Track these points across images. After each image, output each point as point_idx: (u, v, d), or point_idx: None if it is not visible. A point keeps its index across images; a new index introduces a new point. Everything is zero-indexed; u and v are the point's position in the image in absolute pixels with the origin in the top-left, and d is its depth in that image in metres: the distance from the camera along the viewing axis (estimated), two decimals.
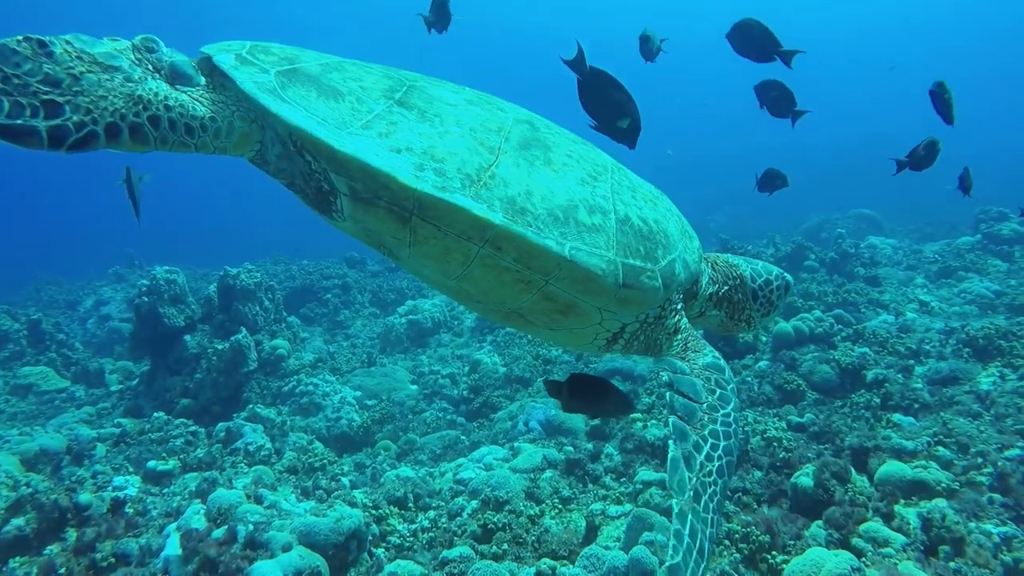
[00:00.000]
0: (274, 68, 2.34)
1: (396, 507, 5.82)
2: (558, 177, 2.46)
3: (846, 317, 9.65)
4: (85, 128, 1.99)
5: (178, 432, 8.40)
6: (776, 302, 3.42)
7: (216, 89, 2.38)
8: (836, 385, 8.11)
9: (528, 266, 2.35)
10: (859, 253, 13.45)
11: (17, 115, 1.88)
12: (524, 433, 7.69)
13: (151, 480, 6.67)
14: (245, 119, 2.37)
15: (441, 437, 8.31)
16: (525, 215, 2.30)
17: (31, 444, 8.30)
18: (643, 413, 7.87)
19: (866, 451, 5.55)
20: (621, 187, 2.67)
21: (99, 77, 2.08)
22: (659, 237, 2.67)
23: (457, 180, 2.24)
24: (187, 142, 2.25)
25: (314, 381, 10.28)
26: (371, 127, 2.26)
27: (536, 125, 2.65)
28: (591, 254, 2.40)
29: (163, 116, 2.17)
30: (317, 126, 2.19)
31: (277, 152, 2.43)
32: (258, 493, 5.15)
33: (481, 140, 2.38)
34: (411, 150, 2.24)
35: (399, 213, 2.26)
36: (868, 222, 21.78)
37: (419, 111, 2.38)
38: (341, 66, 2.49)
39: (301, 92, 2.28)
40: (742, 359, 9.09)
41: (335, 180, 2.29)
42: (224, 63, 2.31)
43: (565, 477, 6.42)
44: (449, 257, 2.36)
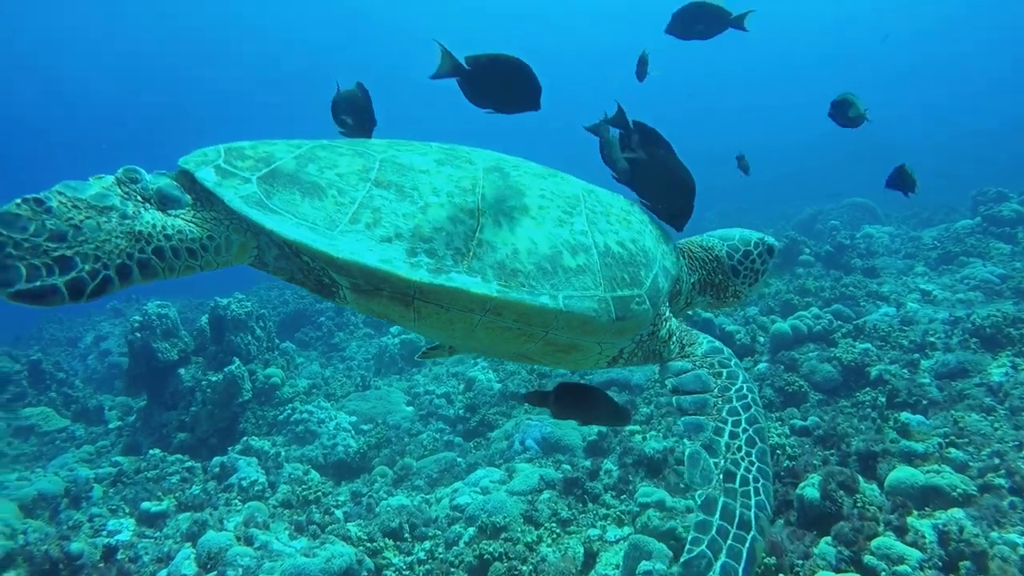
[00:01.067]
0: (254, 174, 2.41)
1: (391, 539, 5.66)
2: (537, 224, 2.56)
3: (845, 312, 9.48)
4: (99, 275, 2.09)
5: (173, 469, 8.28)
6: (761, 268, 3.43)
7: (204, 205, 2.44)
8: (839, 384, 7.95)
9: (528, 323, 2.48)
10: (855, 244, 13.27)
11: (36, 278, 1.98)
12: (521, 452, 7.54)
13: (145, 522, 6.54)
14: (239, 231, 2.44)
15: (437, 460, 8.15)
16: (517, 276, 2.41)
17: (29, 489, 8.20)
18: (642, 424, 7.71)
19: (874, 456, 5.37)
20: (595, 215, 2.75)
21: (97, 221, 2.16)
22: (639, 257, 2.76)
23: (449, 257, 2.36)
24: (192, 265, 2.34)
25: (309, 408, 10.15)
26: (358, 219, 2.36)
27: (505, 170, 2.72)
28: (583, 298, 2.50)
29: (165, 247, 2.26)
30: (310, 233, 2.28)
31: (274, 254, 2.52)
32: (248, 534, 5.01)
33: (460, 205, 2.49)
34: (400, 235, 2.35)
35: (401, 299, 2.40)
36: (863, 211, 21.58)
37: (397, 188, 2.47)
38: (314, 155, 2.56)
39: (286, 197, 2.36)
40: (740, 362, 8.92)
41: (336, 277, 2.42)
42: (207, 181, 2.36)
43: (564, 497, 6.26)
44: (453, 326, 2.50)
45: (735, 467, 2.51)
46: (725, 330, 9.33)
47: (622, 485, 6.40)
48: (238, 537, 4.91)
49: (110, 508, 7.58)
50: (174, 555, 4.90)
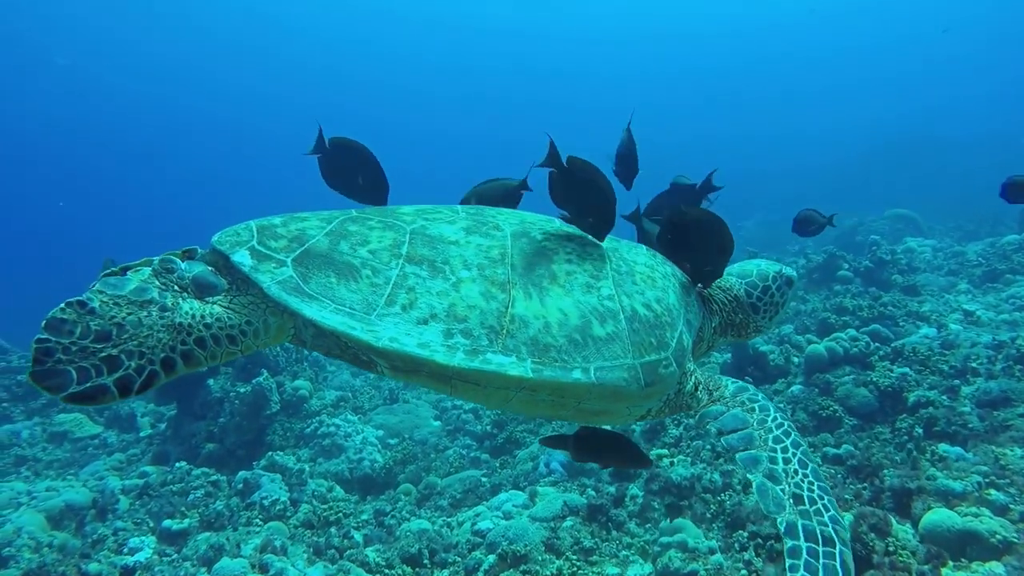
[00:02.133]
0: (288, 256, 2.46)
1: (410, 565, 5.58)
2: (566, 292, 2.62)
3: (883, 333, 9.17)
4: (145, 371, 2.16)
5: (198, 483, 8.32)
6: (780, 301, 3.48)
7: (240, 287, 2.50)
8: (875, 409, 7.67)
9: (561, 396, 2.54)
10: (895, 259, 12.86)
11: (86, 379, 2.05)
12: (545, 475, 7.41)
13: (166, 540, 6.56)
14: (276, 313, 2.50)
15: (462, 480, 8.06)
16: (549, 352, 2.46)
17: (56, 500, 8.32)
18: (670, 448, 7.53)
19: (909, 493, 5.15)
20: (621, 276, 2.80)
21: (138, 316, 2.23)
22: (664, 317, 2.80)
23: (484, 337, 2.41)
24: (233, 351, 2.38)
25: (336, 422, 10.15)
26: (394, 300, 2.41)
27: (532, 235, 2.78)
28: (613, 369, 2.55)
29: (206, 336, 2.31)
30: (349, 320, 2.34)
31: (311, 333, 2.56)
32: (264, 561, 4.97)
33: (491, 278, 2.54)
34: (436, 316, 2.40)
35: (439, 378, 2.46)
36: (905, 222, 21.01)
37: (429, 264, 2.53)
38: (345, 230, 2.61)
39: (322, 280, 2.42)
40: (773, 383, 8.69)
41: (374, 359, 2.47)
42: (244, 266, 2.42)
43: (587, 524, 6.12)
44: (489, 400, 2.59)
45: (799, 490, 2.63)
46: (758, 350, 9.09)
47: (647, 512, 6.24)
48: (253, 564, 4.88)
49: (135, 521, 7.64)
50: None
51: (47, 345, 2.07)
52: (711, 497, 6.24)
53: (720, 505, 6.07)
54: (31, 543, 7.05)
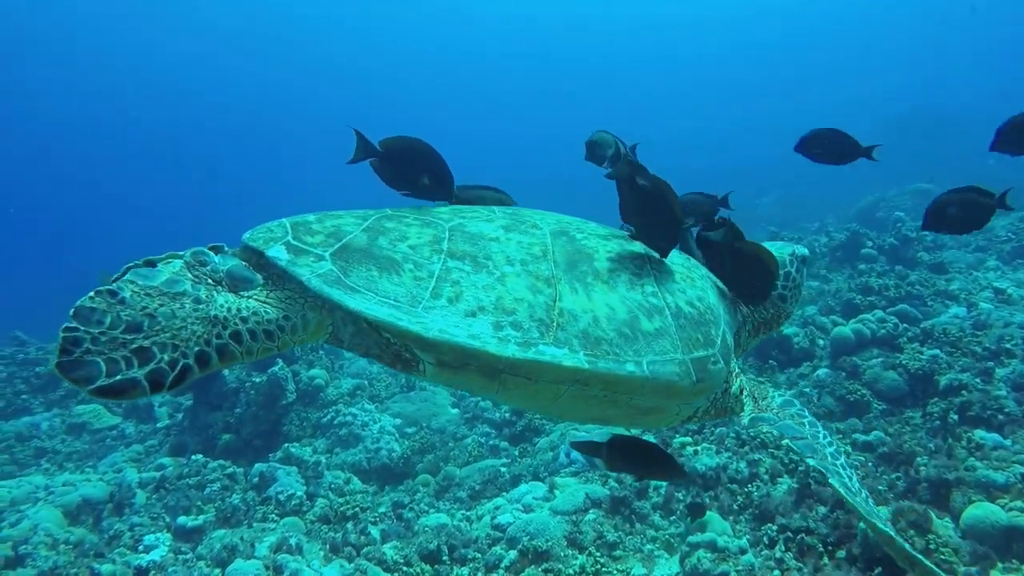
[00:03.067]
0: (327, 250, 2.39)
1: (429, 563, 5.45)
2: (611, 289, 2.58)
3: (911, 313, 8.89)
4: (178, 364, 2.05)
5: (215, 476, 8.24)
6: (801, 282, 3.48)
7: (276, 284, 2.41)
8: (905, 393, 7.44)
9: (614, 391, 2.47)
10: (921, 236, 12.51)
11: (116, 372, 1.93)
12: (566, 465, 7.24)
13: (182, 537, 6.47)
14: (315, 308, 2.41)
15: (481, 470, 7.92)
16: (601, 345, 2.41)
17: (73, 495, 8.29)
18: (693, 435, 7.33)
19: (947, 484, 4.93)
20: (661, 275, 2.78)
21: (171, 308, 2.14)
22: (708, 316, 2.77)
23: (535, 330, 2.35)
24: (269, 347, 2.29)
25: (352, 411, 10.05)
26: (439, 294, 2.34)
27: (570, 233, 2.76)
28: (665, 363, 2.51)
29: (243, 330, 2.22)
30: (395, 311, 2.26)
31: (350, 331, 2.47)
32: (278, 562, 4.85)
33: (536, 273, 2.50)
34: (484, 309, 2.34)
35: (489, 373, 2.37)
36: (927, 197, 20.31)
37: (471, 259, 2.48)
38: (382, 227, 2.56)
39: (363, 273, 2.34)
40: (798, 367, 8.46)
41: (420, 354, 2.38)
42: (280, 260, 2.33)
43: (610, 517, 5.95)
44: (538, 396, 2.49)
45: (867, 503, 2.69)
46: (782, 332, 8.84)
47: (672, 504, 6.06)
48: (267, 565, 4.76)
49: (151, 516, 7.57)
50: None
51: (75, 334, 1.96)
52: (737, 488, 6.05)
53: (748, 496, 5.88)
54: (47, 540, 7.00)
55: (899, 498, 5.09)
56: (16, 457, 12.00)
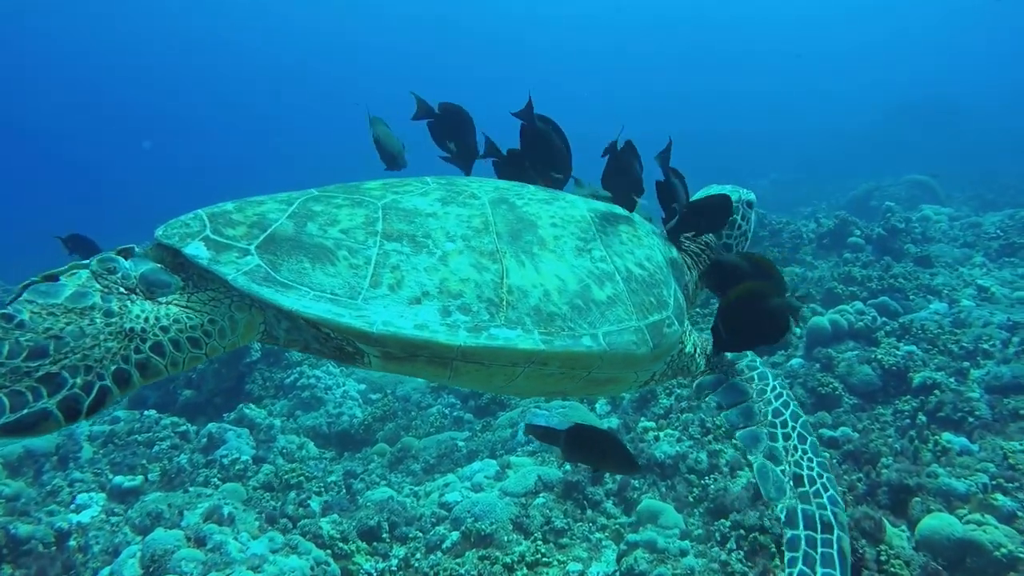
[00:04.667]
0: (251, 243, 2.19)
1: (367, 540, 5.23)
2: (558, 258, 2.46)
3: (892, 306, 8.65)
4: (94, 387, 1.85)
5: (165, 434, 7.99)
6: (749, 228, 3.40)
7: (198, 284, 2.21)
8: (878, 388, 7.23)
9: (571, 367, 2.38)
10: (910, 228, 12.22)
11: (21, 406, 1.73)
12: (524, 443, 7.02)
13: (116, 498, 6.22)
14: (242, 308, 2.23)
15: (439, 443, 7.71)
16: (555, 320, 2.30)
17: (15, 445, 7.98)
18: (658, 420, 7.12)
19: (908, 490, 4.72)
20: (608, 237, 2.67)
21: (79, 326, 1.92)
22: (658, 275, 2.69)
23: (484, 311, 2.22)
24: (197, 355, 2.11)
25: (316, 373, 9.80)
26: (379, 282, 2.18)
27: (510, 200, 2.61)
28: (621, 332, 2.42)
29: (164, 341, 2.03)
30: (334, 307, 2.09)
31: (285, 327, 2.31)
32: (201, 533, 4.61)
33: (479, 249, 2.35)
34: (428, 294, 2.19)
35: (440, 362, 2.24)
36: (922, 189, 20.23)
37: (410, 239, 2.31)
38: (309, 210, 2.36)
39: (295, 266, 2.16)
40: (773, 355, 8.23)
41: (364, 348, 2.23)
42: (200, 259, 2.12)
43: (561, 502, 5.73)
44: (492, 380, 2.40)
45: (799, 468, 2.64)
46: None
47: (626, 492, 5.85)
48: (188, 537, 4.53)
49: (94, 472, 7.33)
50: (121, 550, 4.54)
51: None
52: (695, 479, 5.84)
53: (704, 489, 5.68)
54: None
55: (858, 501, 4.88)
56: None
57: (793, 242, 12.64)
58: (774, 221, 13.36)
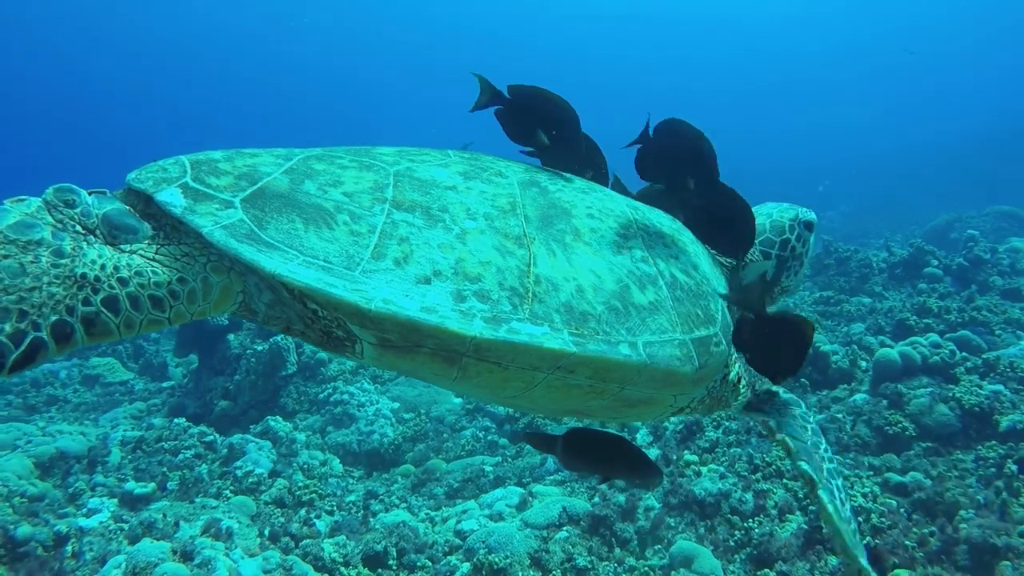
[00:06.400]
0: (236, 195, 1.88)
1: (370, 566, 4.81)
2: (594, 252, 2.16)
3: (974, 341, 7.82)
4: (25, 339, 1.55)
5: (190, 443, 7.81)
6: (804, 252, 3.10)
7: (170, 237, 1.90)
8: (956, 431, 6.44)
9: (603, 380, 2.04)
10: (996, 259, 11.26)
11: None
12: (553, 472, 6.52)
13: (127, 504, 6.01)
14: (220, 270, 1.91)
15: (465, 467, 7.27)
16: (588, 322, 1.98)
17: (49, 446, 7.97)
18: (702, 454, 6.50)
19: (994, 551, 4.03)
20: (650, 237, 2.37)
21: (20, 261, 1.62)
22: (705, 287, 2.38)
23: (506, 302, 1.90)
24: (158, 319, 1.80)
25: (350, 390, 9.55)
26: (383, 254, 1.87)
27: (542, 184, 2.33)
28: (664, 344, 2.09)
29: (120, 295, 1.71)
30: (326, 277, 1.77)
31: (267, 300, 1.99)
32: (190, 547, 4.29)
33: (503, 231, 2.05)
34: (440, 273, 1.87)
35: (446, 356, 1.89)
36: (1011, 220, 18.88)
37: (423, 210, 2.01)
38: (309, 168, 2.05)
39: (284, 226, 1.84)
40: (833, 389, 7.51)
41: (358, 331, 1.88)
42: (174, 206, 1.81)
43: (586, 538, 5.19)
44: (507, 386, 2.04)
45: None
46: (820, 350, 7.89)
47: (660, 531, 5.28)
48: (174, 550, 4.22)
49: (118, 477, 7.20)
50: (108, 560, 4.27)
51: None
52: (738, 521, 5.22)
53: (747, 533, 5.05)
54: (2, 490, 6.65)
55: (931, 560, 4.21)
56: (28, 402, 11.93)
57: (861, 271, 11.82)
58: (841, 249, 12.55)
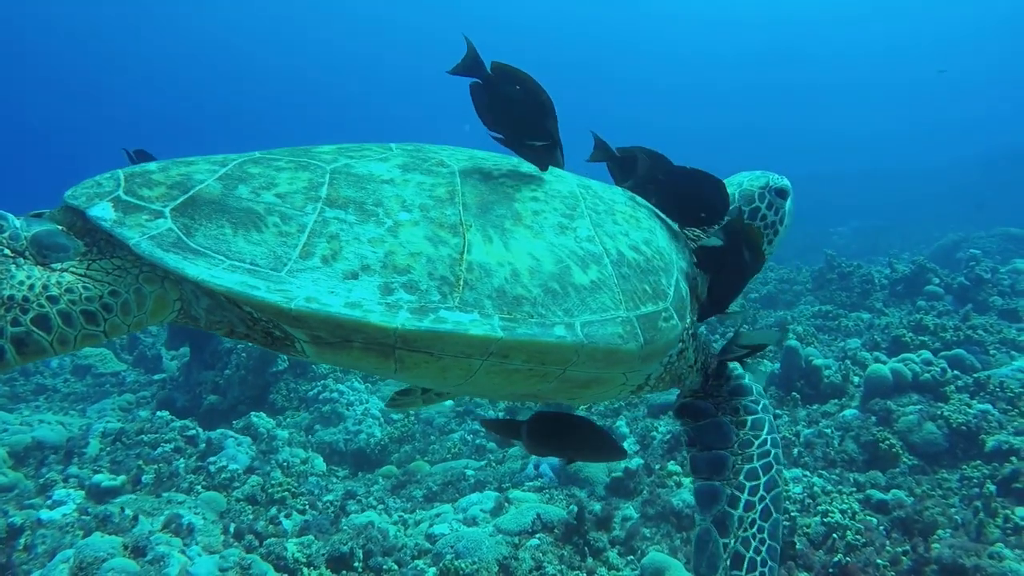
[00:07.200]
0: (167, 205, 1.91)
1: (334, 568, 4.72)
2: (535, 234, 2.15)
3: (967, 360, 7.68)
4: None
5: (171, 436, 7.73)
6: (777, 219, 2.96)
7: (103, 250, 1.93)
8: (943, 450, 6.32)
9: (542, 362, 2.05)
10: (997, 279, 11.11)
11: None
12: (533, 478, 6.41)
13: (94, 497, 5.93)
14: (153, 280, 1.96)
15: (447, 470, 7.18)
16: (521, 305, 1.99)
17: (25, 436, 7.91)
18: (684, 464, 6.39)
19: (962, 572, 3.91)
20: (599, 215, 2.36)
21: None
22: (656, 261, 2.36)
23: (435, 292, 1.92)
24: (93, 333, 1.84)
25: (340, 388, 9.49)
26: (311, 253, 1.89)
27: (486, 170, 2.32)
28: (604, 323, 2.09)
29: (51, 313, 1.75)
30: (250, 279, 1.80)
31: (205, 305, 2.03)
32: (142, 543, 4.21)
33: (439, 220, 2.05)
34: (368, 268, 1.90)
35: (379, 349, 1.92)
36: (1019, 243, 18.71)
37: (356, 206, 2.02)
38: (244, 172, 2.07)
39: (213, 231, 1.88)
40: (824, 403, 7.38)
41: (290, 330, 1.93)
42: (103, 220, 1.85)
43: (558, 546, 5.09)
44: (447, 374, 2.05)
45: (744, 548, 2.38)
46: (812, 363, 7.77)
47: (634, 541, 5.17)
48: (126, 546, 4.14)
49: (94, 469, 7.12)
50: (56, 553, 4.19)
51: None
52: None
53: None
54: None
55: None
56: (16, 391, 11.91)
57: (863, 287, 11.69)
58: (844, 264, 12.43)
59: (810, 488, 5.65)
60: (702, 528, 2.43)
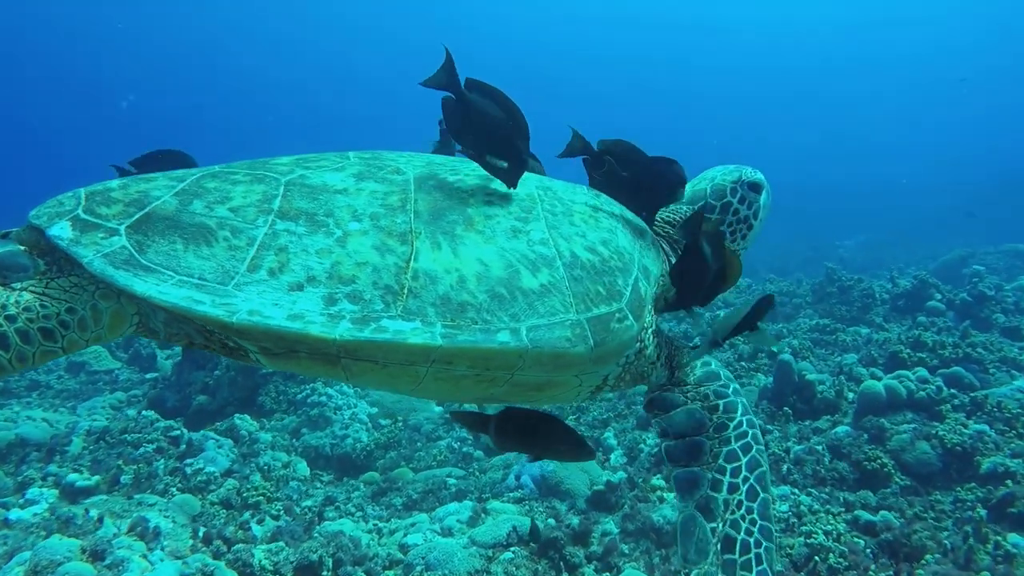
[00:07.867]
0: (123, 223, 1.97)
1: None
2: (486, 240, 2.15)
3: (965, 378, 7.50)
4: None
5: (154, 437, 7.65)
6: (750, 213, 2.93)
7: (63, 268, 2.00)
8: (936, 471, 6.15)
9: (487, 368, 2.07)
10: (1001, 296, 10.91)
11: None
12: (513, 489, 6.28)
13: (68, 496, 5.84)
14: (108, 295, 2.01)
15: (429, 478, 7.06)
16: (466, 312, 2.00)
17: (8, 432, 7.84)
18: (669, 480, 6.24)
19: None
20: (556, 216, 2.34)
21: None
22: (614, 262, 2.34)
23: (379, 301, 1.94)
24: (51, 349, 1.92)
25: (329, 391, 9.38)
26: (259, 266, 1.94)
27: (441, 176, 2.32)
28: (552, 327, 2.08)
29: (9, 331, 1.83)
30: (196, 293, 1.86)
31: (162, 319, 2.07)
32: (101, 546, 4.11)
33: (388, 229, 2.07)
34: (314, 279, 1.94)
35: (325, 358, 1.97)
36: None
37: (307, 217, 2.05)
38: (201, 187, 2.11)
39: (164, 248, 1.94)
40: (817, 419, 7.23)
41: (240, 342, 1.99)
42: (61, 239, 1.91)
43: (533, 560, 4.95)
44: (396, 381, 2.11)
45: (735, 530, 2.27)
46: (805, 378, 7.61)
47: (611, 557, 5.04)
48: (84, 549, 4.05)
49: (75, 468, 7.04)
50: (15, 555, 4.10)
51: None
52: None
53: None
54: None
55: None
56: (8, 386, 11.86)
57: (864, 301, 11.52)
58: (844, 277, 12.26)
59: (797, 507, 5.51)
60: (685, 515, 2.33)
